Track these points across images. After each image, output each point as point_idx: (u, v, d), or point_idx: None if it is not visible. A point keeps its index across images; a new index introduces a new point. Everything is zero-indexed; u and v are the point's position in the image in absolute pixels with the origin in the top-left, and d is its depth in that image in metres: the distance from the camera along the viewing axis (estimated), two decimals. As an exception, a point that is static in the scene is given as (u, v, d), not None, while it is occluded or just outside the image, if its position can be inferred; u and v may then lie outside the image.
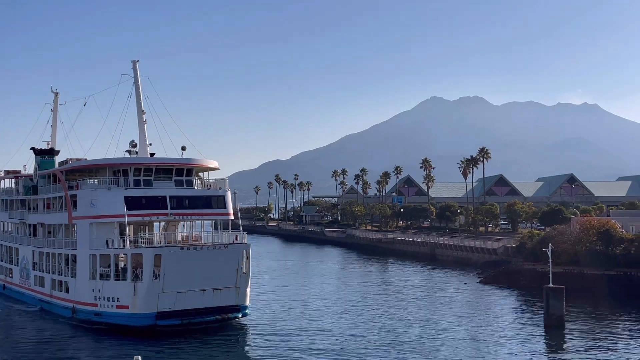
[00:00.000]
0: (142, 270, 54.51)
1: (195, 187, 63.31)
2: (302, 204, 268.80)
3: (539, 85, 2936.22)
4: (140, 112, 65.60)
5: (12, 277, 78.41)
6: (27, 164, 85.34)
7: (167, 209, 59.28)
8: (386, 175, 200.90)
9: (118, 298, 55.52)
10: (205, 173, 66.66)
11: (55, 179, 69.11)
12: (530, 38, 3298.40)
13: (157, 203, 59.25)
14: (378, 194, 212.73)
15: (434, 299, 77.40)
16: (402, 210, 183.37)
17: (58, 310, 63.65)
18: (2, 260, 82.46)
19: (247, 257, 58.82)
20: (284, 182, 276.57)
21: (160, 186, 60.50)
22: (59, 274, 64.58)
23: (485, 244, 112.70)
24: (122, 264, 57.39)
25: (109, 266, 56.89)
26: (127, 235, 56.89)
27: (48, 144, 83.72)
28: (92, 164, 63.98)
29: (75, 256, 61.21)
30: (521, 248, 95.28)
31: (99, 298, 56.90)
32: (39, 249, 69.79)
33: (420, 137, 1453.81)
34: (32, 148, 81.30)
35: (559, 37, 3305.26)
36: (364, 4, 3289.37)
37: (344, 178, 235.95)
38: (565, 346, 52.14)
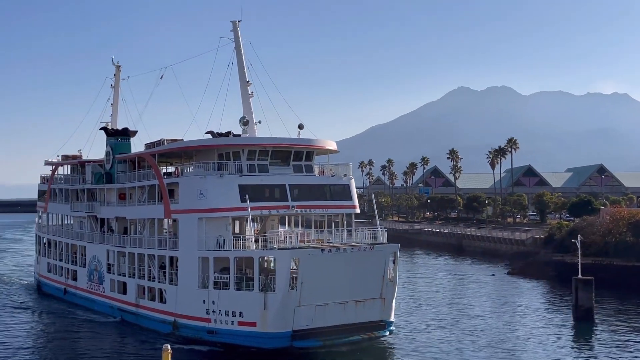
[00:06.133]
0: (273, 278, 44.64)
1: (315, 174, 53.12)
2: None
3: (569, 74, 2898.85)
4: (244, 83, 54.97)
5: (76, 281, 67.29)
6: (83, 148, 75.42)
7: (287, 200, 49.55)
8: (413, 166, 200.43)
9: (241, 313, 45.49)
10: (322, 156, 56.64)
11: (140, 165, 59.46)
12: (560, 26, 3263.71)
13: (275, 193, 49.72)
14: (405, 184, 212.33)
15: (461, 289, 77.27)
16: (429, 201, 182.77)
17: (149, 323, 53.37)
18: (60, 260, 71.44)
19: (394, 262, 48.76)
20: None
21: (277, 172, 50.60)
22: (149, 280, 54.18)
23: (513, 235, 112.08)
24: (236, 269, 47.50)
25: (222, 271, 47.12)
26: (252, 233, 47.42)
27: (108, 125, 71.84)
28: (197, 144, 53.41)
29: (174, 258, 51.35)
30: (550, 239, 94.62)
31: (213, 312, 46.68)
32: (117, 248, 59.32)
33: (447, 127, 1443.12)
34: (103, 128, 68.91)
35: (590, 24, 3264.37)
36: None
37: (370, 169, 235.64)
38: (593, 338, 51.75)
